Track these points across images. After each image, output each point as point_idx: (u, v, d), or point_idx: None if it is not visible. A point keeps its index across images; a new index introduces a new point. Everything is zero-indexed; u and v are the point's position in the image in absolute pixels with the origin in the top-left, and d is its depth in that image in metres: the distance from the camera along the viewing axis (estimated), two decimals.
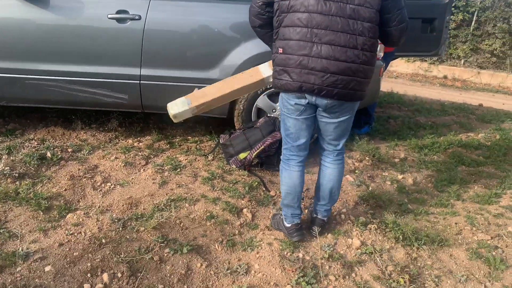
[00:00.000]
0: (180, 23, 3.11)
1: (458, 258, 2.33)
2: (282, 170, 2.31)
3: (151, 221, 2.33)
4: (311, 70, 1.93)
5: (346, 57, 1.91)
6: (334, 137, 2.22)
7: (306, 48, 1.92)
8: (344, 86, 1.95)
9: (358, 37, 1.91)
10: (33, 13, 2.94)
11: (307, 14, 1.89)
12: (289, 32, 1.95)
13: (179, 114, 2.69)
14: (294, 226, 2.32)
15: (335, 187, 2.34)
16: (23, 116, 3.77)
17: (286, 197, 2.30)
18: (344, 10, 1.87)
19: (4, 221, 2.29)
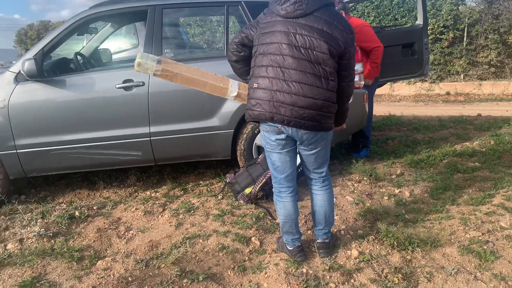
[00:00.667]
0: None
1: (451, 255, 2.53)
2: (276, 202, 2.54)
3: (170, 258, 2.63)
4: (282, 104, 2.19)
5: (312, 94, 2.19)
6: (316, 165, 2.48)
7: (278, 85, 2.20)
8: (310, 119, 2.22)
9: (322, 79, 2.21)
10: (53, 93, 3.44)
11: (281, 57, 2.19)
12: (265, 70, 2.23)
13: (143, 64, 2.64)
14: (296, 248, 2.57)
15: (328, 211, 2.54)
16: (52, 184, 4.21)
17: (284, 225, 2.53)
18: (311, 55, 2.17)
19: (44, 274, 2.62)
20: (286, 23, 2.20)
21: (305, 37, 2.16)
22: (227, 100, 3.57)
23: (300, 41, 2.17)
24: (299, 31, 2.17)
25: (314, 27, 2.17)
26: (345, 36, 2.21)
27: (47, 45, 3.46)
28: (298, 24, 2.18)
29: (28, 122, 3.45)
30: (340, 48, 2.20)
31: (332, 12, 2.24)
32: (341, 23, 2.22)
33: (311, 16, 2.18)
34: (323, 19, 2.18)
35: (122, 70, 3.63)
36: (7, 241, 3.04)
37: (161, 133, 3.56)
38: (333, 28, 2.18)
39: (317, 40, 2.15)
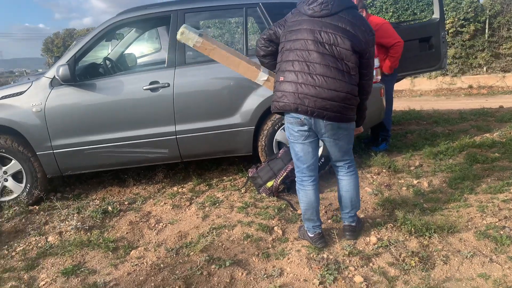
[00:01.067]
0: (201, 83, 3.73)
1: (467, 240, 2.62)
2: (299, 190, 2.70)
3: (198, 246, 2.81)
4: (306, 95, 2.36)
5: (335, 87, 2.35)
6: (341, 154, 2.64)
7: (303, 78, 2.37)
8: (333, 110, 2.38)
9: (345, 73, 2.37)
10: (85, 96, 3.68)
11: (306, 52, 2.37)
12: (291, 65, 2.42)
13: (186, 34, 2.78)
14: (316, 235, 2.71)
15: (354, 195, 2.71)
16: (85, 182, 4.47)
17: (306, 213, 2.70)
18: (335, 51, 2.35)
19: (83, 262, 2.84)
20: (312, 21, 2.39)
21: (330, 34, 2.34)
22: (247, 98, 3.73)
23: (325, 37, 2.35)
24: (324, 29, 2.36)
25: (339, 26, 2.35)
26: (366, 36, 2.39)
27: (79, 51, 3.71)
28: (324, 22, 2.37)
29: (63, 124, 3.69)
30: (362, 47, 2.37)
31: (355, 14, 2.42)
32: (363, 24, 2.40)
33: (336, 16, 2.37)
34: (347, 19, 2.36)
35: (149, 73, 3.85)
36: (47, 234, 3.29)
37: (186, 131, 3.75)
38: (356, 28, 2.36)
39: (341, 37, 2.33)
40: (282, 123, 3.78)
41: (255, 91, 3.72)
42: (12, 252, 3.05)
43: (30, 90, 3.69)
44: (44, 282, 2.63)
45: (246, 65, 2.82)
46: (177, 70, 3.70)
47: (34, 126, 3.67)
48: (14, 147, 3.72)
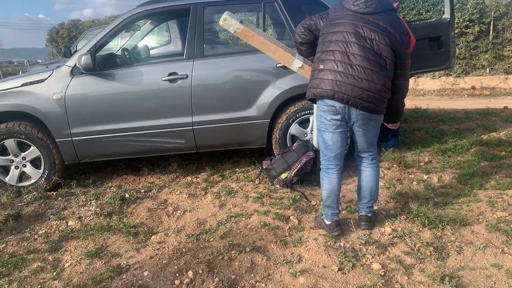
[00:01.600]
0: (218, 75, 3.80)
1: (479, 232, 2.72)
2: (323, 177, 2.80)
3: (218, 232, 2.90)
4: (344, 83, 2.47)
5: (372, 78, 2.47)
6: (367, 145, 2.76)
7: (343, 66, 2.49)
8: (367, 100, 2.49)
9: (382, 67, 2.49)
10: (105, 85, 3.75)
11: (348, 43, 2.50)
12: (332, 54, 2.53)
13: (229, 20, 2.94)
14: (334, 222, 2.81)
15: (374, 186, 2.82)
16: (99, 170, 4.56)
17: (327, 199, 2.80)
18: (374, 45, 2.48)
19: (105, 246, 2.93)
20: (355, 16, 2.53)
21: (371, 30, 2.48)
22: (263, 91, 3.81)
23: (366, 32, 2.48)
24: (366, 24, 2.49)
25: (379, 24, 2.49)
26: (403, 38, 2.53)
27: (99, 41, 3.77)
28: (366, 19, 2.51)
29: (82, 112, 3.77)
30: (399, 47, 2.51)
31: (394, 16, 2.58)
32: (401, 26, 2.55)
33: (378, 15, 2.51)
34: (387, 20, 2.51)
35: (167, 64, 3.93)
36: (67, 219, 3.37)
37: (202, 122, 3.83)
38: (395, 29, 2.51)
39: (381, 34, 2.47)
40: (296, 117, 3.87)
41: (271, 84, 3.80)
42: (35, 235, 3.14)
43: (51, 78, 3.75)
44: (68, 263, 2.72)
45: (283, 52, 2.94)
46: (196, 62, 3.77)
47: (54, 113, 3.74)
48: (33, 134, 3.80)
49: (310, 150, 3.62)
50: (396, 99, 2.68)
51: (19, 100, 3.74)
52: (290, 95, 3.81)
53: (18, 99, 3.75)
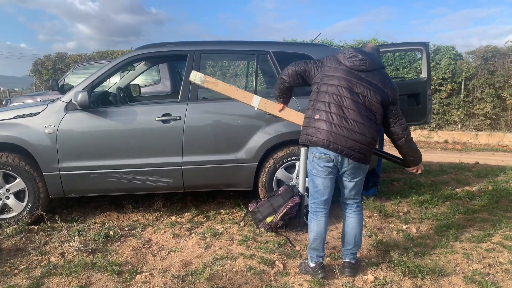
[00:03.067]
0: (211, 118, 3.95)
1: (456, 283, 2.84)
2: (311, 220, 2.92)
3: (204, 275, 2.92)
4: (339, 135, 2.67)
5: (364, 132, 2.70)
6: (354, 193, 2.91)
7: (338, 119, 2.70)
8: (359, 151, 2.70)
9: (372, 121, 2.74)
10: (98, 122, 3.82)
11: (342, 98, 2.71)
12: (327, 106, 2.73)
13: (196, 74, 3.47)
14: (318, 265, 2.90)
15: (358, 233, 2.94)
16: (83, 206, 4.52)
17: (314, 242, 2.90)
18: (366, 101, 2.72)
19: (89, 284, 2.89)
20: (350, 73, 2.76)
21: (364, 87, 2.73)
22: (253, 135, 3.96)
23: (360, 89, 2.72)
24: (360, 81, 2.73)
25: (371, 82, 2.74)
26: (392, 93, 2.79)
27: (96, 80, 3.89)
28: (359, 76, 2.75)
29: (74, 146, 3.81)
30: (389, 101, 2.78)
31: (384, 73, 2.84)
32: (390, 83, 2.81)
33: (370, 73, 2.76)
34: (378, 78, 2.77)
35: (162, 105, 4.05)
36: (49, 254, 3.32)
37: (192, 162, 3.91)
38: (386, 86, 2.77)
39: (373, 91, 2.73)
40: (283, 162, 4.01)
41: (261, 129, 3.95)
42: (15, 270, 3.07)
43: (45, 111, 3.81)
44: None
45: (242, 93, 3.47)
46: (190, 105, 3.91)
47: (45, 147, 3.76)
48: (21, 166, 3.79)
49: (295, 195, 3.73)
50: (405, 142, 2.89)
51: (10, 132, 3.76)
52: (279, 141, 3.97)
53: (9, 130, 3.76)
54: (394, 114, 2.84)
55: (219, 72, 12.41)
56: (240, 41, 4.27)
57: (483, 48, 11.55)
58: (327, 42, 11.82)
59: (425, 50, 5.51)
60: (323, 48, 4.39)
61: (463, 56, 11.77)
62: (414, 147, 2.99)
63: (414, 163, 3.08)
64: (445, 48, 11.56)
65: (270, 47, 4.13)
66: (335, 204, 4.31)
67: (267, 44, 4.22)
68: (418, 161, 3.08)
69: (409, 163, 3.10)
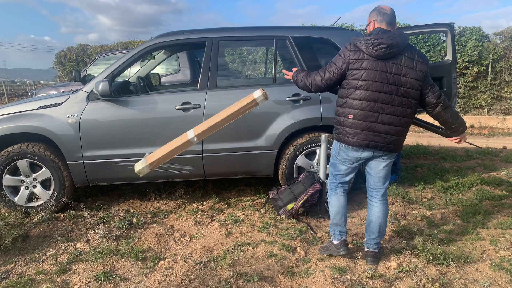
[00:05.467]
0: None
1: (483, 271, 2.77)
2: (331, 196, 2.96)
3: (225, 261, 2.94)
4: (377, 133, 2.65)
5: (400, 124, 2.66)
6: (380, 180, 2.87)
7: (374, 117, 2.64)
8: (391, 143, 2.69)
9: (407, 109, 2.65)
10: (120, 111, 3.86)
11: (375, 93, 2.61)
12: (359, 104, 2.64)
13: (141, 170, 3.00)
14: (342, 242, 2.92)
15: (383, 222, 2.90)
16: (106, 194, 4.61)
17: (336, 217, 2.93)
18: (400, 91, 2.61)
19: (113, 270, 2.96)
20: (378, 63, 2.61)
21: (395, 75, 2.60)
22: (273, 123, 3.93)
23: (391, 79, 2.60)
24: (389, 70, 2.60)
25: (401, 66, 2.60)
26: (424, 68, 2.63)
27: (117, 69, 3.92)
28: (389, 64, 2.60)
29: (96, 136, 3.86)
30: (422, 76, 2.63)
31: (412, 49, 2.66)
32: (420, 56, 2.66)
33: (399, 56, 2.61)
34: (407, 57, 2.61)
35: (181, 93, 4.05)
36: (75, 241, 3.41)
37: (212, 150, 3.92)
38: (415, 63, 2.62)
39: (404, 77, 2.60)
40: (303, 149, 3.98)
41: (280, 116, 3.92)
42: (43, 256, 3.17)
43: (67, 102, 3.87)
44: (77, 286, 2.75)
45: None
46: (209, 93, 3.91)
47: (68, 137, 3.83)
48: (46, 156, 3.87)
49: (316, 182, 3.70)
50: (442, 109, 2.72)
51: (34, 122, 3.84)
52: (298, 127, 3.93)
53: (34, 121, 3.84)
54: (426, 85, 2.67)
55: (238, 59, 12.38)
56: (258, 27, 4.22)
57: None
58: (348, 26, 11.58)
59: (450, 31, 5.32)
60: (344, 31, 4.28)
61: (490, 38, 11.34)
62: (454, 113, 2.80)
63: (456, 132, 2.88)
64: (471, 30, 11.16)
65: (289, 32, 4.06)
66: (357, 191, 4.26)
67: (286, 29, 4.15)
68: (461, 129, 2.87)
69: (451, 132, 2.93)
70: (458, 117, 2.82)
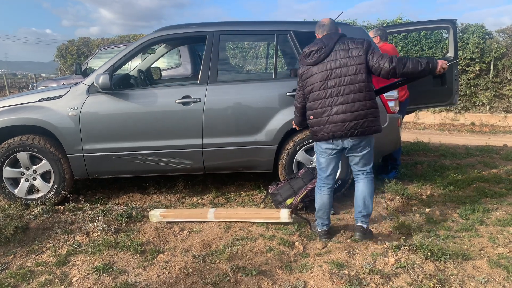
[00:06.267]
0: (230, 101, 3.92)
1: (481, 267, 2.78)
2: (316, 193, 3.23)
3: (224, 255, 2.95)
4: (336, 123, 2.91)
5: (355, 108, 2.88)
6: (362, 165, 3.12)
7: (327, 112, 2.94)
8: (361, 126, 2.90)
9: (359, 93, 2.87)
10: (120, 105, 3.86)
11: (323, 91, 2.94)
12: (313, 104, 3.00)
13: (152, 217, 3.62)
14: (323, 231, 3.25)
15: (367, 196, 3.12)
16: (106, 187, 4.62)
17: (319, 212, 3.22)
18: (343, 80, 2.88)
19: (112, 262, 2.97)
20: (317, 67, 2.96)
21: (334, 70, 2.90)
22: (273, 118, 3.93)
23: (332, 74, 2.90)
24: (327, 67, 2.91)
25: (337, 60, 2.90)
26: (360, 47, 2.89)
27: (117, 62, 3.91)
28: (325, 64, 2.93)
29: (96, 129, 3.87)
30: (362, 59, 2.87)
31: (344, 41, 2.94)
32: (353, 42, 2.92)
33: (332, 53, 2.92)
34: (340, 51, 2.91)
35: (181, 87, 4.05)
36: (75, 233, 3.42)
37: (212, 145, 3.92)
38: (350, 52, 2.89)
39: (343, 68, 2.88)
40: (303, 144, 3.97)
41: (281, 111, 3.92)
42: (43, 248, 3.18)
43: (68, 94, 3.87)
44: (76, 278, 2.76)
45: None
46: (209, 87, 3.90)
47: (68, 129, 3.84)
48: (46, 148, 3.88)
49: (315, 178, 3.69)
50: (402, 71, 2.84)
51: (35, 114, 3.84)
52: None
53: (34, 113, 3.85)
54: (373, 58, 2.86)
55: (240, 54, 12.35)
56: (259, 21, 4.20)
57: None
58: (350, 22, 11.54)
59: (452, 28, 5.31)
60: (345, 27, 4.26)
61: (492, 35, 11.29)
62: (414, 63, 2.85)
63: (430, 71, 2.88)
64: (474, 27, 11.11)
65: (290, 27, 4.05)
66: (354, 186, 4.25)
67: (287, 23, 4.14)
68: (430, 65, 2.85)
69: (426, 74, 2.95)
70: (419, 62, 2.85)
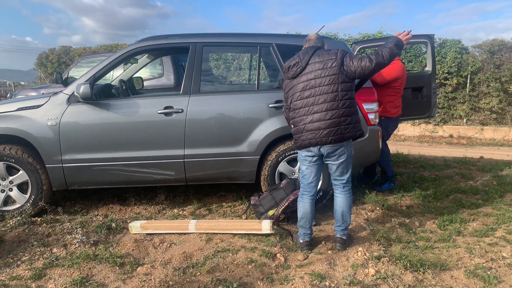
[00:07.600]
0: (213, 111, 3.92)
1: (458, 277, 2.83)
2: (299, 201, 3.28)
3: (205, 267, 2.93)
4: (311, 132, 3.01)
5: (328, 117, 2.97)
6: (339, 174, 3.17)
7: (304, 121, 3.05)
8: (334, 134, 2.98)
9: (334, 102, 2.98)
10: (101, 115, 3.82)
11: (301, 101, 3.06)
12: (293, 114, 3.14)
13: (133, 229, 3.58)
14: (305, 242, 3.26)
15: (345, 211, 3.20)
16: (85, 198, 4.53)
17: (301, 220, 3.25)
18: (320, 90, 2.99)
19: (90, 275, 2.91)
20: (295, 80, 3.11)
21: (310, 81, 3.03)
22: (255, 129, 3.94)
23: (308, 85, 3.03)
24: (304, 79, 3.05)
25: (313, 71, 3.03)
26: (334, 58, 2.99)
27: (99, 72, 3.88)
28: (302, 76, 3.07)
29: (76, 139, 3.81)
30: (337, 68, 2.97)
31: (320, 53, 3.06)
32: (328, 54, 3.03)
33: (308, 66, 3.06)
34: (316, 63, 3.03)
35: (164, 98, 4.04)
36: (52, 246, 3.34)
37: (194, 155, 3.91)
38: (325, 62, 3.00)
39: (319, 79, 2.99)
40: (285, 155, 4.00)
41: (263, 123, 3.93)
42: (18, 261, 3.10)
43: (47, 104, 3.81)
44: None
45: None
46: (192, 98, 3.90)
47: (47, 139, 3.77)
48: (23, 158, 3.80)
49: (297, 189, 3.72)
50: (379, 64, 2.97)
51: (13, 124, 3.77)
52: (281, 134, 3.95)
53: (12, 123, 3.77)
54: (353, 63, 2.95)
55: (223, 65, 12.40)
56: (243, 34, 4.24)
57: (490, 42, 11.44)
58: (332, 35, 11.74)
59: (430, 42, 5.46)
60: (327, 40, 4.34)
61: (469, 50, 11.66)
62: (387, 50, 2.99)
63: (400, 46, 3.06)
64: (451, 42, 11.46)
65: (273, 39, 4.10)
66: None
67: (270, 36, 4.19)
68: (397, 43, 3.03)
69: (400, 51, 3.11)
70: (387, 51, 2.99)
